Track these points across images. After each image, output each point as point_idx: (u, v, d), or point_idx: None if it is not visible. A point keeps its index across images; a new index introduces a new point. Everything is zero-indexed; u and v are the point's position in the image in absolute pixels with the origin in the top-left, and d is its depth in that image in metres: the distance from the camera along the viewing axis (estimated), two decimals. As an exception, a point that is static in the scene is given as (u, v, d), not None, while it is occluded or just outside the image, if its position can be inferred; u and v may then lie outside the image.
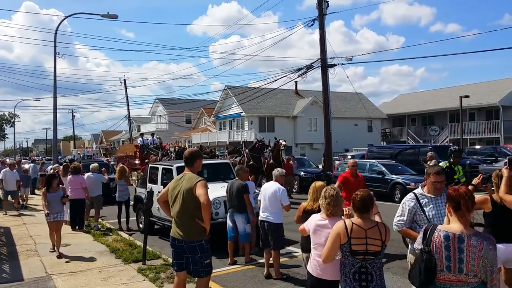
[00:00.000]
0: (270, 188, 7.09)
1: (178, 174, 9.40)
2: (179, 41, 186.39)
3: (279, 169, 7.53)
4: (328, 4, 20.06)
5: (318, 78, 21.00)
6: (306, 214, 4.89)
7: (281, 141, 16.37)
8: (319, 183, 5.33)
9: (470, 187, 4.37)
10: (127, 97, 45.50)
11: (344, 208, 4.10)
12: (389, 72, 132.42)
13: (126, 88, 45.30)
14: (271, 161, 16.01)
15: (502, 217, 4.74)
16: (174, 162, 11.13)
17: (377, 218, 3.83)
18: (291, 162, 19.07)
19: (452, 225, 3.09)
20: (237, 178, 8.17)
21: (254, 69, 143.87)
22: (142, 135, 24.33)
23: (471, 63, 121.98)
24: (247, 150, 16.87)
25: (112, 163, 27.99)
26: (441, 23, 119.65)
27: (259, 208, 7.29)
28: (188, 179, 4.86)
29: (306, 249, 4.75)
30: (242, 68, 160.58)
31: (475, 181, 4.93)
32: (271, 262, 7.04)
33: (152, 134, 25.34)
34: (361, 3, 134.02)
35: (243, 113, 40.39)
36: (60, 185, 9.28)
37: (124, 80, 45.31)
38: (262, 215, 7.07)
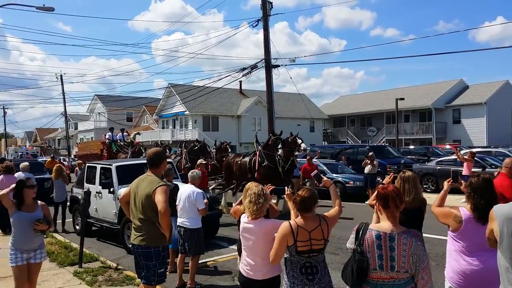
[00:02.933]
0: (185, 191, 6.70)
1: (118, 174, 9.21)
2: (120, 37, 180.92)
3: (195, 170, 7.24)
4: (272, 5, 20.34)
5: (263, 78, 21.12)
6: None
7: (299, 142, 12.65)
8: (250, 184, 4.96)
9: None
10: (63, 93, 43.67)
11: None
12: (331, 74, 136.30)
13: (62, 84, 43.47)
14: (214, 163, 15.48)
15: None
16: (116, 161, 10.75)
17: None
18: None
19: (383, 224, 3.15)
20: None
21: (198, 67, 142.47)
22: (112, 129, 21.31)
23: (408, 67, 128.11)
24: (186, 151, 15.90)
25: (73, 163, 25.79)
26: (380, 28, 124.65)
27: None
28: (149, 182, 4.54)
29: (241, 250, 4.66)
30: (186, 66, 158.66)
31: (386, 180, 4.56)
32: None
33: (122, 130, 21.91)
34: (305, 5, 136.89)
35: (186, 112, 39.88)
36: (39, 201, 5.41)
37: (61, 76, 43.45)
38: (178, 220, 6.70)
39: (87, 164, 11.16)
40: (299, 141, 12.45)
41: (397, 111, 33.31)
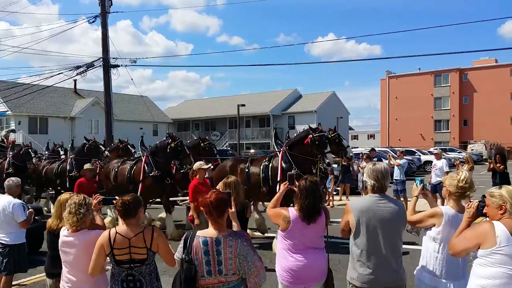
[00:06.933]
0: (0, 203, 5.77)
1: None
2: None
3: (13, 179, 6.09)
4: (111, 2, 19.25)
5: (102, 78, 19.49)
6: (52, 236, 4.24)
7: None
8: (63, 196, 4.33)
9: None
10: None
11: None
12: (177, 77, 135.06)
13: None
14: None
15: None
16: None
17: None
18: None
19: (209, 230, 3.15)
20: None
21: (25, 62, 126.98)
22: None
23: (251, 75, 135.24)
24: (73, 153, 12.95)
25: None
26: (227, 35, 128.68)
27: None
28: None
29: (50, 273, 4.34)
30: (11, 60, 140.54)
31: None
32: None
33: None
34: (150, 5, 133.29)
35: (9, 112, 34.81)
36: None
37: None
38: None
39: None
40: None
41: (239, 116, 34.32)
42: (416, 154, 30.70)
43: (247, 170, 8.92)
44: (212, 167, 8.66)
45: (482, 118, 53.00)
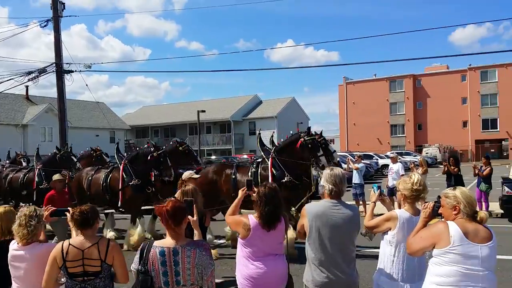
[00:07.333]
0: None
1: None
2: None
3: None
4: (64, 6, 18.77)
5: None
6: None
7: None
8: (4, 209, 4.08)
9: None
10: None
11: None
12: (135, 82, 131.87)
13: None
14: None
15: None
16: None
17: None
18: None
19: (167, 240, 3.09)
20: None
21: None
22: None
23: (211, 81, 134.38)
24: (39, 163, 11.42)
25: None
26: (185, 40, 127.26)
27: None
28: None
29: None
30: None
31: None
32: None
33: None
34: (106, 9, 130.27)
35: (-49, 120, 32.97)
36: None
37: None
38: None
39: None
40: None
41: (199, 122, 34.06)
42: (373, 158, 31.46)
43: (233, 176, 8.44)
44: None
45: (435, 123, 55.06)
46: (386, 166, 27.16)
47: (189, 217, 3.38)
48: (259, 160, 8.74)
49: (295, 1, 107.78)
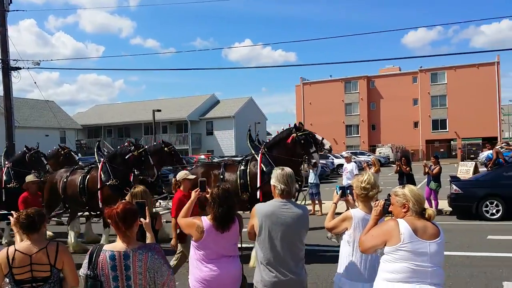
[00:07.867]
0: None
1: None
2: None
3: None
4: (11, 0, 17.88)
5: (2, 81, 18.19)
6: None
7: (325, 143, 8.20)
8: None
9: None
10: None
11: None
12: (87, 80, 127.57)
13: None
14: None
15: None
16: None
17: None
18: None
19: (117, 243, 2.99)
20: None
21: None
22: None
23: (167, 79, 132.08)
24: (9, 162, 10.45)
25: None
26: (141, 37, 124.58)
27: None
28: None
29: None
30: None
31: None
32: None
33: None
34: (56, 4, 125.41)
35: None
36: None
37: None
38: None
39: None
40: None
41: (155, 122, 33.48)
42: (329, 158, 32.02)
43: (222, 176, 8.08)
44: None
45: (388, 123, 56.89)
46: (341, 165, 27.70)
47: (141, 219, 3.28)
48: (248, 157, 8.41)
49: (254, 1, 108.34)
